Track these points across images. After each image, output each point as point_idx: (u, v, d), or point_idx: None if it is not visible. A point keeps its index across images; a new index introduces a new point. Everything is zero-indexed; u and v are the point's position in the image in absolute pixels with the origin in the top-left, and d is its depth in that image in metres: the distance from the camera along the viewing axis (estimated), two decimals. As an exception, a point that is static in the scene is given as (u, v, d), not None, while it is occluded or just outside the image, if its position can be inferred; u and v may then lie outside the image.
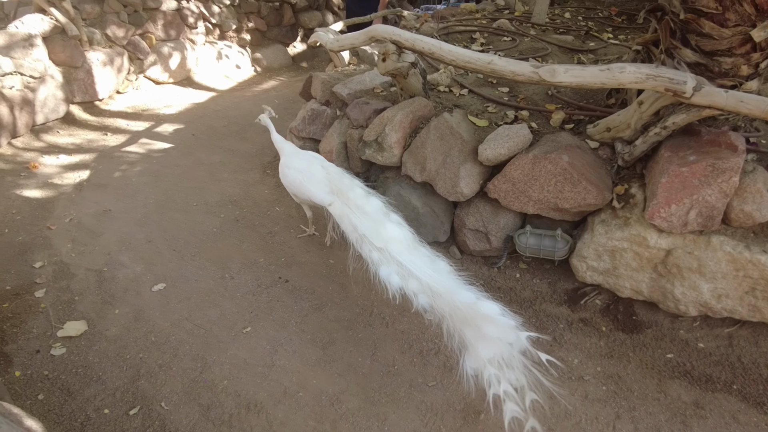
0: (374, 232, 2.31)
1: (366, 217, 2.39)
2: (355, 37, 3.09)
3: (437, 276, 2.09)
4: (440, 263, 2.19)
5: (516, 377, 1.82)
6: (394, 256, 2.19)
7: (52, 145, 4.56)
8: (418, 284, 2.09)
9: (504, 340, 1.85)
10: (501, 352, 1.84)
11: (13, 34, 4.51)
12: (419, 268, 2.12)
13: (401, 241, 2.27)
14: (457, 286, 2.03)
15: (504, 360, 1.83)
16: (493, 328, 1.85)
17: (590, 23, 5.81)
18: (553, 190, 2.45)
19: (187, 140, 4.67)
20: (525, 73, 2.29)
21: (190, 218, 3.35)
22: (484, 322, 1.87)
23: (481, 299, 1.94)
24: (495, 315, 1.86)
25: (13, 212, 3.45)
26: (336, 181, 2.59)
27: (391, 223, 2.38)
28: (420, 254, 2.23)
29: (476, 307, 1.90)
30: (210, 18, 6.54)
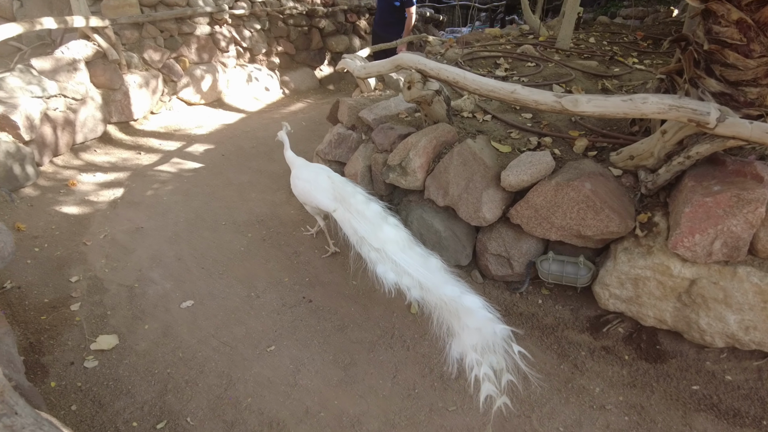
0: (372, 234, 2.54)
1: (365, 221, 2.62)
2: (382, 66, 3.19)
3: (427, 272, 2.34)
4: (432, 261, 2.41)
5: (496, 361, 2.03)
6: (390, 255, 2.43)
7: (90, 163, 4.76)
8: (411, 280, 2.35)
9: (483, 330, 2.07)
10: (482, 340, 2.06)
11: (59, 59, 4.76)
12: (411, 265, 2.37)
13: (397, 242, 2.50)
14: (444, 281, 2.28)
15: (485, 347, 2.05)
16: (472, 319, 2.09)
17: (615, 48, 5.82)
18: (575, 217, 2.46)
19: (217, 160, 4.83)
20: (548, 102, 2.33)
21: (219, 237, 3.45)
22: (465, 314, 2.12)
23: (465, 293, 2.19)
24: (475, 308, 2.11)
25: (53, 227, 3.61)
26: (339, 189, 2.82)
27: (388, 225, 2.59)
28: (414, 253, 2.46)
29: (459, 300, 2.15)
30: (241, 42, 6.77)
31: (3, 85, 4.19)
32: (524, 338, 2.58)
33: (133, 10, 5.66)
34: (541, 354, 2.50)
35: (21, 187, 4.01)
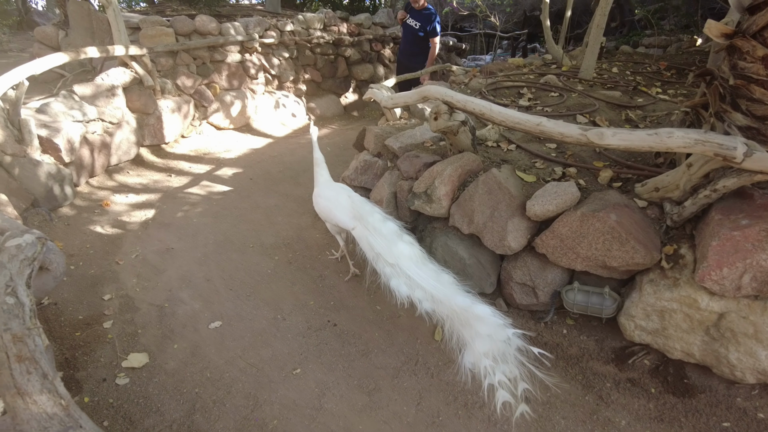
0: (387, 250, 2.67)
1: (381, 238, 2.75)
2: (408, 96, 3.28)
3: (439, 285, 2.45)
4: (444, 276, 2.53)
5: (509, 369, 2.12)
6: (404, 270, 2.56)
7: (123, 184, 4.94)
8: (423, 293, 2.47)
9: (495, 337, 2.16)
10: (494, 347, 2.15)
11: (99, 85, 4.99)
12: (424, 279, 2.49)
13: (410, 257, 2.62)
14: (455, 293, 2.39)
15: (498, 354, 2.14)
16: (483, 326, 2.19)
17: (638, 78, 5.85)
18: (601, 248, 2.47)
19: (245, 184, 4.96)
20: (573, 135, 2.38)
21: (247, 259, 3.54)
22: (476, 321, 2.21)
23: (476, 303, 2.29)
24: (485, 315, 2.21)
25: (87, 246, 3.75)
26: (358, 208, 2.93)
27: (403, 242, 2.72)
28: (427, 268, 2.58)
29: (470, 309, 2.25)
30: (270, 70, 7.00)
31: (48, 110, 4.41)
32: (549, 368, 2.58)
33: (168, 39, 5.92)
34: (565, 385, 2.48)
35: (59, 206, 4.18)
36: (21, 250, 1.30)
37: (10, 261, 1.22)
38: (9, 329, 1.01)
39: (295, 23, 7.30)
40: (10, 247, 1.29)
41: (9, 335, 0.99)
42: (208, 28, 6.21)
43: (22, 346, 0.97)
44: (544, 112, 4.17)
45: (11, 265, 1.20)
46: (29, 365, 0.93)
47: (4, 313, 1.05)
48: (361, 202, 2.97)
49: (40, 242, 1.44)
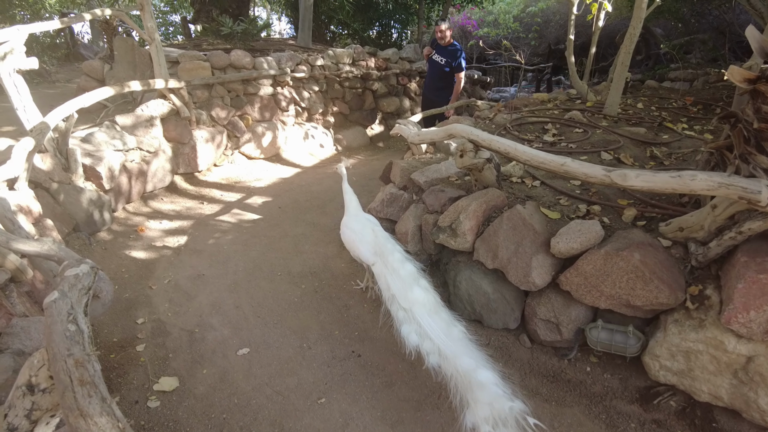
0: (402, 294, 2.64)
1: (399, 280, 2.72)
2: (435, 134, 3.39)
3: (447, 340, 2.40)
4: (454, 330, 2.48)
5: None
6: (416, 317, 2.52)
7: (157, 210, 5.14)
8: (431, 345, 2.41)
9: (495, 405, 2.11)
10: (494, 414, 2.09)
11: (139, 116, 5.27)
12: (434, 330, 2.45)
13: (424, 305, 2.58)
14: (462, 352, 2.33)
15: (498, 420, 2.08)
16: (484, 394, 2.15)
17: (664, 113, 5.86)
18: (624, 286, 2.49)
19: (274, 212, 5.11)
20: (597, 175, 2.43)
21: (275, 287, 3.64)
22: (477, 388, 2.17)
23: (480, 368, 2.24)
24: (487, 383, 2.17)
25: (123, 271, 3.91)
26: (381, 245, 2.95)
27: (419, 287, 2.68)
28: (439, 318, 2.53)
29: (473, 374, 2.21)
30: (300, 102, 7.26)
31: (92, 140, 4.67)
32: (572, 405, 2.58)
33: (205, 72, 6.23)
34: (589, 423, 2.48)
35: (97, 231, 4.38)
36: (79, 280, 1.41)
37: (70, 290, 1.33)
38: (72, 354, 1.11)
39: (325, 58, 7.58)
40: (69, 277, 1.41)
41: (72, 360, 1.09)
42: (242, 62, 6.51)
43: (84, 371, 1.07)
44: (569, 148, 4.23)
45: (71, 294, 1.31)
46: (90, 389, 1.02)
47: (67, 339, 1.15)
48: (385, 239, 3.00)
49: (93, 271, 1.56)
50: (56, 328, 1.18)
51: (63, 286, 1.35)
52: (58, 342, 1.15)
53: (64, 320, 1.21)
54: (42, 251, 1.75)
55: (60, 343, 1.14)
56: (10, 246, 1.76)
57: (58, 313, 1.23)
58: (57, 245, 1.77)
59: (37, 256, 1.88)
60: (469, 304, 3.05)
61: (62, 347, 1.13)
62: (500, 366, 2.32)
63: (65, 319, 1.21)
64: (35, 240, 1.80)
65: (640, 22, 5.02)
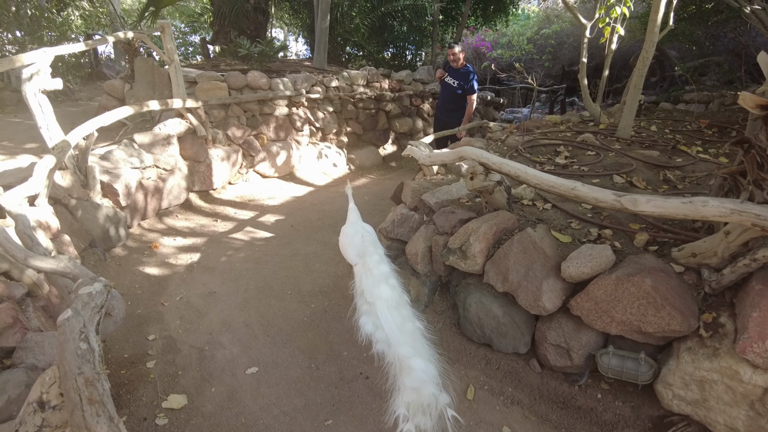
0: (370, 289, 2.90)
1: (371, 277, 2.97)
2: (446, 156, 3.41)
3: (397, 332, 2.64)
4: (409, 324, 2.71)
5: (424, 422, 2.24)
6: (376, 311, 2.77)
7: (171, 227, 5.22)
8: (383, 334, 2.66)
9: (420, 391, 2.31)
10: (418, 400, 2.29)
11: (156, 135, 5.39)
12: (389, 323, 2.69)
13: (387, 300, 2.82)
14: (406, 342, 2.57)
15: (419, 406, 2.28)
16: (411, 380, 2.36)
17: (678, 136, 5.83)
18: (636, 312, 2.46)
19: (286, 231, 5.16)
20: (607, 200, 2.43)
21: (285, 306, 3.65)
22: (407, 373, 2.39)
23: (415, 356, 2.46)
24: (416, 370, 2.39)
25: (136, 287, 3.96)
26: (364, 247, 3.21)
27: (386, 285, 2.92)
28: (398, 313, 2.77)
29: (406, 361, 2.43)
30: (314, 122, 7.37)
31: (110, 157, 4.78)
32: (583, 434, 2.53)
33: (222, 92, 6.36)
34: (600, 453, 2.43)
35: (113, 247, 4.46)
36: (92, 298, 1.45)
37: (83, 308, 1.36)
38: (82, 373, 1.13)
39: (339, 79, 7.71)
40: (83, 295, 1.44)
41: (82, 378, 1.11)
42: (259, 83, 6.64)
43: (93, 390, 1.09)
44: (581, 171, 4.23)
45: (84, 312, 1.34)
46: (98, 408, 1.04)
47: (78, 357, 1.17)
48: (369, 243, 3.24)
49: (106, 289, 1.60)
50: (68, 346, 1.21)
51: (76, 305, 1.38)
52: (69, 360, 1.17)
53: (76, 338, 1.23)
54: (58, 268, 1.79)
55: (71, 361, 1.17)
56: (27, 263, 1.80)
57: (71, 331, 1.25)
58: (72, 263, 1.81)
59: (53, 273, 1.92)
60: (478, 328, 3.03)
61: (73, 365, 1.16)
62: (450, 364, 2.53)
63: (77, 337, 1.24)
64: (52, 257, 1.84)
65: (653, 45, 5.04)
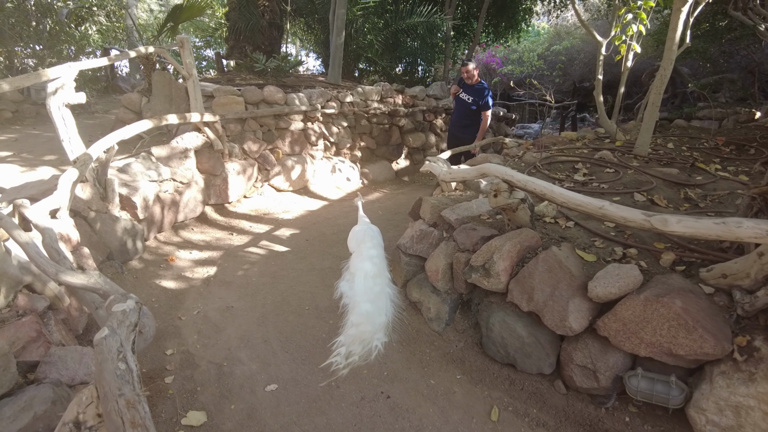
0: (355, 264, 3.68)
1: (359, 257, 3.71)
2: (467, 173, 3.40)
3: (363, 290, 3.41)
4: (377, 288, 3.46)
5: (359, 350, 3.12)
6: (354, 278, 3.53)
7: (187, 240, 5.22)
8: (352, 292, 3.46)
9: (360, 327, 3.19)
10: (358, 334, 3.17)
11: (173, 148, 5.42)
12: (360, 285, 3.44)
13: (366, 272, 3.52)
14: (366, 297, 3.36)
15: (357, 339, 3.16)
16: (354, 317, 3.25)
17: (695, 153, 5.79)
18: (666, 334, 2.41)
19: (301, 245, 5.15)
20: (636, 220, 2.40)
21: (303, 322, 3.62)
22: (354, 313, 3.28)
23: (366, 303, 3.31)
24: (360, 311, 3.26)
25: (153, 300, 3.95)
26: (363, 239, 3.89)
27: (369, 262, 3.62)
28: (372, 281, 3.48)
29: (358, 306, 3.30)
30: (329, 137, 7.40)
31: (129, 170, 4.81)
32: None
33: (238, 107, 6.41)
34: (630, 480, 2.36)
35: (129, 260, 4.46)
36: (126, 316, 1.43)
37: (119, 326, 1.35)
38: (123, 395, 1.11)
39: (354, 95, 7.76)
40: (117, 313, 1.43)
41: (123, 401, 1.09)
42: (275, 97, 6.70)
43: (135, 413, 1.07)
44: (600, 188, 4.19)
45: (120, 331, 1.32)
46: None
47: (118, 378, 1.16)
48: (368, 237, 3.90)
49: (138, 307, 1.59)
50: (107, 366, 1.19)
51: (112, 323, 1.37)
52: (109, 381, 1.15)
53: (115, 358, 1.21)
54: (89, 284, 1.79)
55: (111, 382, 1.15)
56: (59, 278, 1.80)
57: (109, 351, 1.24)
58: (102, 278, 1.80)
59: (83, 289, 1.92)
60: (502, 348, 2.99)
61: (113, 386, 1.14)
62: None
63: (115, 357, 1.22)
64: (82, 273, 1.84)
65: (671, 63, 5.03)
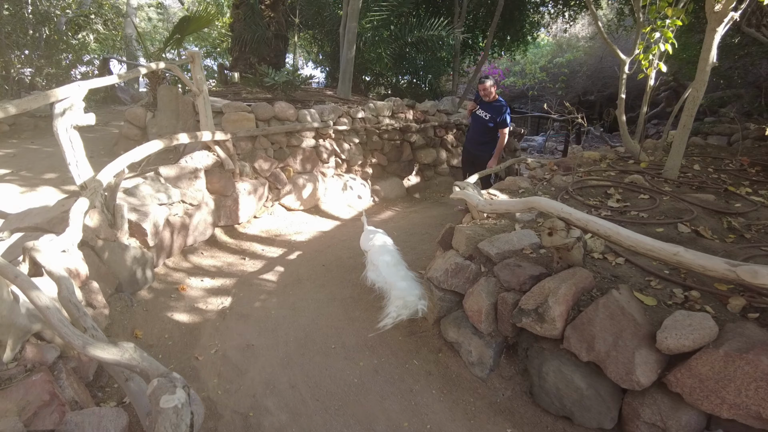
0: (375, 257, 4.18)
1: (376, 251, 4.25)
2: (512, 205, 3.18)
3: (392, 274, 3.92)
4: (402, 272, 3.98)
5: (406, 313, 3.54)
6: (378, 268, 4.04)
7: (197, 266, 4.94)
8: (381, 278, 3.95)
9: (405, 299, 3.62)
10: (404, 303, 3.60)
11: (183, 168, 5.16)
12: (384, 272, 3.96)
13: (387, 262, 4.06)
14: (396, 277, 3.89)
15: (404, 305, 3.59)
16: (397, 292, 3.71)
17: (723, 176, 5.62)
18: (753, 396, 2.18)
19: (318, 271, 4.88)
20: (718, 269, 2.18)
21: (331, 364, 3.36)
22: (394, 290, 3.74)
23: (401, 281, 3.82)
24: (400, 288, 3.73)
25: (166, 336, 3.67)
26: (369, 241, 4.44)
27: (387, 254, 4.18)
28: (394, 268, 4.00)
29: (395, 284, 3.79)
30: (340, 154, 7.16)
31: (137, 193, 4.54)
32: None
33: (249, 124, 6.17)
34: None
35: (139, 290, 4.18)
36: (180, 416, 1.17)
37: None
38: None
39: (366, 111, 7.54)
40: (169, 412, 1.17)
41: None
42: (286, 114, 6.46)
43: None
44: (640, 218, 3.99)
45: (176, 439, 1.07)
46: None
47: None
48: (374, 236, 4.50)
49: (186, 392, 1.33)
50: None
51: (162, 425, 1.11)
52: None
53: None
54: (123, 360, 1.53)
55: None
56: (87, 351, 1.53)
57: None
58: (139, 353, 1.55)
59: (116, 365, 1.65)
60: (557, 399, 2.75)
61: None
62: None
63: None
64: (114, 346, 1.57)
65: (704, 84, 4.88)
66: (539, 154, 15.60)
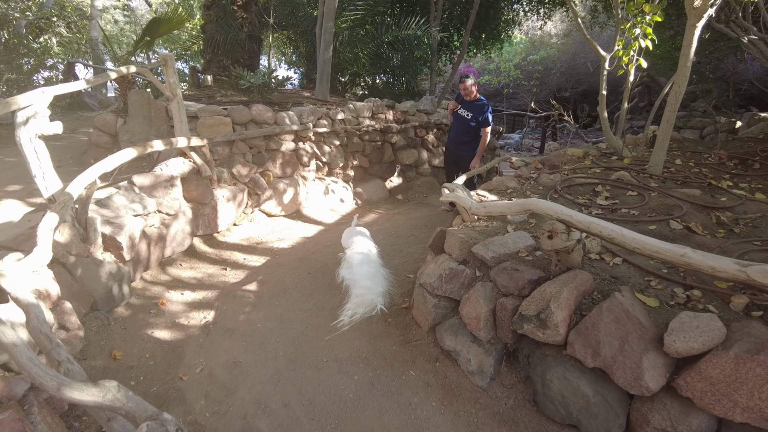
0: (350, 254, 4.26)
1: (353, 249, 4.32)
2: (507, 207, 3.08)
3: (359, 271, 4.03)
4: (372, 269, 4.11)
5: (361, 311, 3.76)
6: (351, 264, 4.14)
7: (176, 279, 4.73)
8: (351, 274, 4.04)
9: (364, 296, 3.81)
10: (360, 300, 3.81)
11: (158, 176, 4.93)
12: (355, 269, 4.06)
13: (360, 259, 4.16)
14: (363, 275, 3.99)
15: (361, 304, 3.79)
16: (358, 290, 3.87)
17: (704, 170, 5.67)
18: (767, 399, 2.13)
19: (304, 279, 4.71)
20: (728, 271, 2.12)
21: (324, 378, 3.21)
22: (355, 287, 3.90)
23: (365, 279, 3.94)
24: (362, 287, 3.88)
25: (147, 356, 3.47)
26: (351, 238, 4.53)
27: (359, 252, 4.26)
28: (366, 265, 4.11)
29: (359, 281, 3.92)
30: (321, 157, 6.99)
31: (110, 204, 4.30)
32: None
33: (226, 128, 5.96)
34: None
35: (116, 307, 3.96)
36: (178, 467, 1.03)
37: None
38: None
39: (345, 112, 7.38)
40: (164, 463, 1.03)
41: None
42: (264, 117, 6.26)
43: None
44: (631, 215, 3.95)
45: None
46: None
47: None
48: (355, 235, 4.58)
49: (179, 434, 1.18)
50: None
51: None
52: None
53: None
54: (104, 402, 1.35)
55: None
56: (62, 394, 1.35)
57: None
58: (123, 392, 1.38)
59: (97, 407, 1.47)
60: (563, 407, 2.66)
61: None
62: None
63: None
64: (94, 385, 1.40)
65: (686, 80, 4.89)
66: (517, 152, 15.69)
